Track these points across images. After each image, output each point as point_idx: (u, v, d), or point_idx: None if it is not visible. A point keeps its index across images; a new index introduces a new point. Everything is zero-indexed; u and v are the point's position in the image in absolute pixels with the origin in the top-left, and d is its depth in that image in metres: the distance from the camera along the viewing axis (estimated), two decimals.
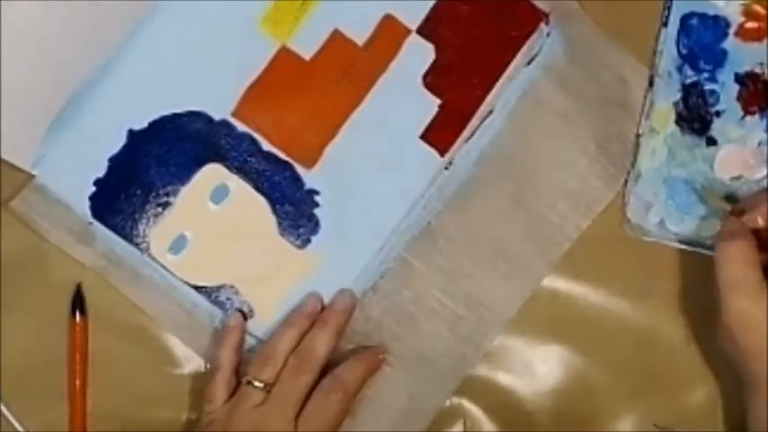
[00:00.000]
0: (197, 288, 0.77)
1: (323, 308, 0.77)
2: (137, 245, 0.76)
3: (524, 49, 0.79)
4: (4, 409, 0.75)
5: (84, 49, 0.76)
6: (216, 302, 0.77)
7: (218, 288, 0.77)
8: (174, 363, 0.77)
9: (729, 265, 0.70)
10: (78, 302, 0.76)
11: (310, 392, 0.73)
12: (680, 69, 0.79)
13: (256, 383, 0.73)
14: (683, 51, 0.79)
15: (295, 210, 0.77)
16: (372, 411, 0.78)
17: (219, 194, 0.77)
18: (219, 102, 0.77)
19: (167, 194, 0.76)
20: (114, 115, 0.76)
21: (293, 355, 0.74)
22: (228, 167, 0.77)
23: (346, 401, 0.74)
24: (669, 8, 0.79)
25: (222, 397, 0.74)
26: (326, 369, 0.75)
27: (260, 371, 0.73)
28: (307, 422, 0.73)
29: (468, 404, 0.79)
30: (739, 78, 0.79)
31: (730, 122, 0.79)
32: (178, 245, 0.76)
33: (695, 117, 0.79)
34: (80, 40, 0.76)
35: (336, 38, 0.78)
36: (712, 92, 0.79)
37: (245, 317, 0.77)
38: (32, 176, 0.76)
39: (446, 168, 0.79)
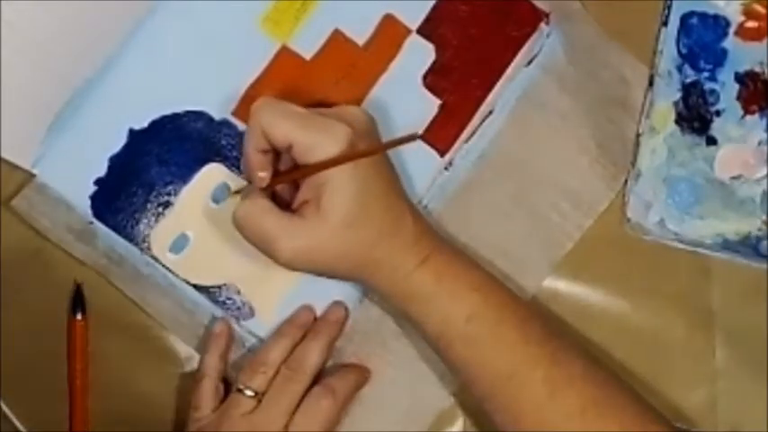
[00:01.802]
0: (198, 287, 0.76)
1: (315, 319, 0.77)
2: (137, 244, 0.76)
3: (524, 49, 0.79)
4: (5, 409, 0.75)
5: (84, 49, 0.76)
6: (216, 302, 0.77)
7: (219, 288, 0.77)
8: (174, 362, 0.77)
9: (250, 229, 0.72)
10: (78, 302, 0.76)
11: (301, 403, 0.74)
12: (680, 69, 0.79)
13: (247, 392, 0.73)
14: (683, 51, 0.79)
15: None
16: (373, 411, 0.78)
17: (220, 194, 0.77)
18: (220, 101, 0.77)
19: (168, 194, 0.76)
20: (114, 115, 0.76)
21: (285, 364, 0.74)
22: (229, 167, 0.77)
23: (336, 409, 0.74)
24: (669, 8, 0.79)
25: (210, 404, 0.74)
26: (317, 381, 0.75)
27: (251, 379, 0.73)
28: (297, 430, 0.73)
29: (468, 404, 0.79)
30: (739, 78, 0.79)
31: (730, 122, 0.79)
32: (179, 244, 0.76)
33: (695, 116, 0.79)
34: (80, 40, 0.76)
35: (336, 38, 0.78)
36: (712, 91, 0.79)
37: (247, 314, 0.77)
38: (33, 175, 0.75)
39: (446, 168, 0.79)
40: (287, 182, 0.73)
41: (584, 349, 0.74)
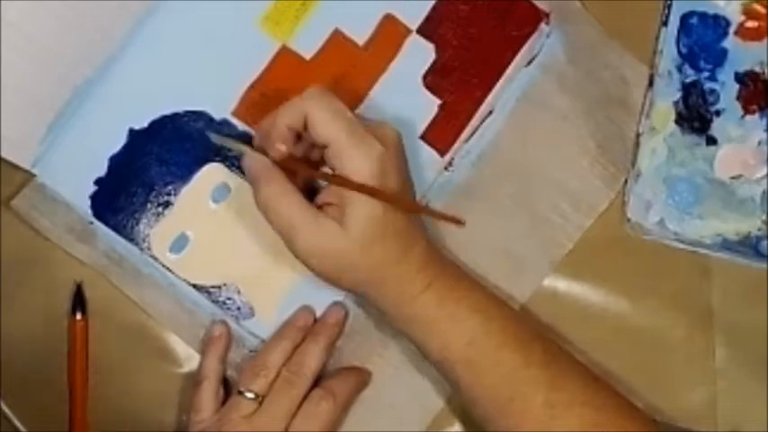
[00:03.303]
0: (197, 287, 0.76)
1: (315, 320, 0.77)
2: (137, 244, 0.76)
3: (524, 49, 0.79)
4: (5, 409, 0.75)
5: (85, 48, 0.76)
6: (216, 302, 0.76)
7: (219, 287, 0.77)
8: (174, 362, 0.77)
9: (276, 212, 0.70)
10: (79, 302, 0.76)
11: (301, 405, 0.74)
12: (680, 69, 0.79)
13: (248, 394, 0.73)
14: (683, 50, 0.79)
15: None
16: (373, 411, 0.78)
17: (220, 194, 0.77)
18: (220, 101, 0.77)
19: (168, 194, 0.76)
20: (115, 115, 0.76)
21: (285, 367, 0.74)
22: (229, 167, 0.77)
23: (336, 411, 0.74)
24: (669, 7, 0.79)
25: (210, 407, 0.74)
26: (318, 383, 0.75)
27: (252, 382, 0.73)
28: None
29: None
30: (739, 77, 0.79)
31: (730, 122, 0.79)
32: (179, 244, 0.76)
33: (695, 116, 0.79)
34: (80, 40, 0.76)
35: (336, 38, 0.78)
36: (712, 91, 0.79)
37: (247, 314, 0.77)
38: (33, 175, 0.75)
39: (446, 168, 0.79)
40: (301, 173, 0.72)
41: (585, 370, 0.74)
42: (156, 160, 0.76)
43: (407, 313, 0.71)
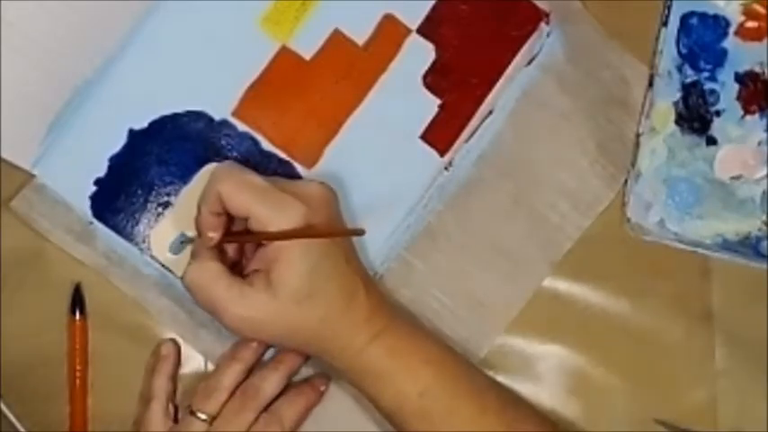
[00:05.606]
0: None
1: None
2: (137, 244, 0.76)
3: (524, 49, 0.79)
4: (5, 409, 0.75)
5: (84, 49, 0.76)
6: None
7: None
8: None
9: (199, 290, 0.71)
10: (78, 302, 0.76)
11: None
12: (680, 69, 0.79)
13: (200, 415, 0.73)
14: (683, 51, 0.79)
15: None
16: (373, 410, 0.78)
17: None
18: (220, 101, 0.77)
19: (168, 194, 0.76)
20: (114, 115, 0.76)
21: (240, 390, 0.74)
22: None
23: None
24: (669, 7, 0.79)
25: (160, 426, 0.74)
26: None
27: (204, 403, 0.73)
28: None
29: None
30: (739, 78, 0.79)
31: (730, 122, 0.79)
32: (178, 244, 0.76)
33: (695, 116, 0.79)
34: (80, 40, 0.76)
35: (336, 38, 0.78)
36: (712, 91, 0.79)
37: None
38: (33, 176, 0.75)
39: (446, 168, 0.79)
40: (235, 242, 0.73)
41: (541, 415, 0.75)
42: (155, 160, 0.76)
43: (357, 365, 0.71)
